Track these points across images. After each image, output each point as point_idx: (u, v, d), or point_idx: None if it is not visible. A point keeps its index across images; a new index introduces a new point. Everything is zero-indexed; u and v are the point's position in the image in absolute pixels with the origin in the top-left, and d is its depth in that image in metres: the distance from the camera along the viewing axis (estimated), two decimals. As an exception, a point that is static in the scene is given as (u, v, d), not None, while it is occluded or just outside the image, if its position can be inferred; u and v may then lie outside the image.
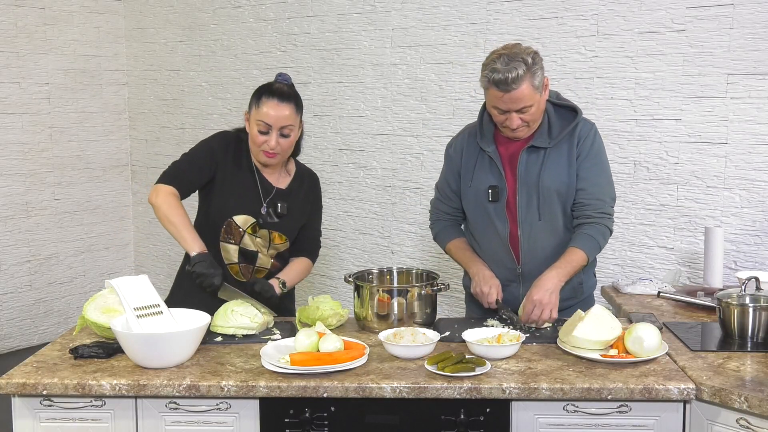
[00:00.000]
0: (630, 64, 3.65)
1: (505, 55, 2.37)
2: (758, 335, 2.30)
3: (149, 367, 2.14)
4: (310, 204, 2.80)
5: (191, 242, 2.48)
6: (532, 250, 2.56)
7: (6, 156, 5.09)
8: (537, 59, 2.41)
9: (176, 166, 2.64)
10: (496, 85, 2.37)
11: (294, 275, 2.75)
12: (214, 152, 2.65)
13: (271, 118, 2.54)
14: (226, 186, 2.65)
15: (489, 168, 2.57)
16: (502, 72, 2.35)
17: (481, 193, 2.58)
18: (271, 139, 2.56)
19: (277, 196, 2.69)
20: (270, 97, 2.56)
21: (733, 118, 3.42)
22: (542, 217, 2.53)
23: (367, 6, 4.50)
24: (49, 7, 5.27)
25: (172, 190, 2.57)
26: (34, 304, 5.31)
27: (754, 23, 3.33)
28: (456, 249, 2.71)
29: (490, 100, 2.44)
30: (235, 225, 2.64)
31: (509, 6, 3.98)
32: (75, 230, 5.54)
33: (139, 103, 5.76)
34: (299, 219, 2.75)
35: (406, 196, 4.47)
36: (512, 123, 2.44)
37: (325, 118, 4.74)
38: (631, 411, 2.03)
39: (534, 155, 2.52)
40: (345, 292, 4.58)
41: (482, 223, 2.62)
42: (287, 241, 2.72)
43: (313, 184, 2.83)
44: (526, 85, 2.36)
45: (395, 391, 2.02)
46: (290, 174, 2.76)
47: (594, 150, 2.54)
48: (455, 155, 2.67)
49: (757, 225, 3.42)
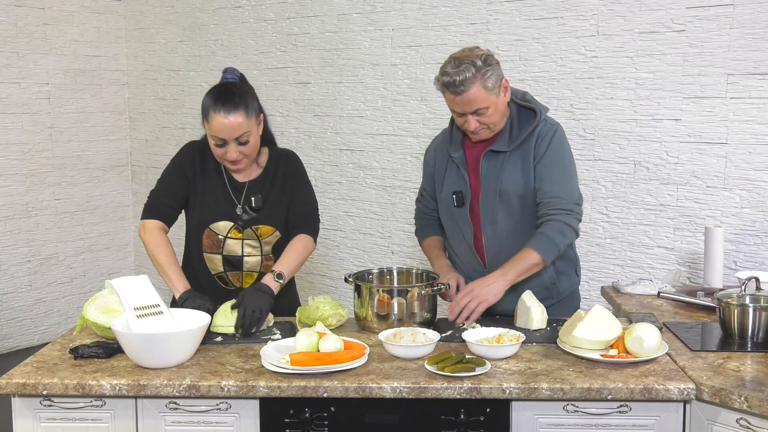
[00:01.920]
0: (630, 64, 3.65)
1: (456, 59, 2.43)
2: (758, 335, 2.30)
3: (149, 367, 2.14)
4: (290, 180, 2.68)
5: (175, 282, 2.52)
6: (496, 253, 2.58)
7: (6, 156, 5.10)
8: (490, 61, 2.43)
9: (154, 197, 2.65)
10: (447, 87, 2.43)
11: (291, 261, 2.57)
12: (182, 170, 2.63)
13: (224, 133, 2.46)
14: (198, 198, 2.63)
15: (456, 173, 2.63)
16: (450, 75, 2.40)
17: (449, 199, 2.64)
18: (229, 150, 2.50)
19: (250, 191, 2.64)
20: (216, 111, 2.45)
21: (733, 118, 3.42)
22: (504, 221, 2.56)
23: (367, 6, 4.50)
24: (49, 7, 5.27)
25: (158, 224, 2.62)
26: (34, 304, 5.31)
27: (754, 23, 3.33)
28: (427, 246, 2.83)
29: (448, 104, 2.50)
30: (213, 233, 2.62)
31: (509, 6, 3.98)
32: (75, 230, 5.54)
33: (139, 103, 5.77)
34: (280, 203, 2.66)
35: (406, 196, 4.47)
36: (469, 125, 2.48)
37: (325, 118, 4.74)
38: (631, 411, 2.03)
39: (494, 159, 2.55)
40: (345, 292, 4.58)
41: (451, 228, 2.70)
42: (276, 230, 2.65)
43: (288, 162, 2.70)
44: (476, 88, 2.39)
45: (395, 391, 2.02)
46: (262, 165, 2.68)
47: (551, 149, 2.52)
48: (430, 161, 2.76)
49: (757, 225, 3.42)
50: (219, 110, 2.45)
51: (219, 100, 2.47)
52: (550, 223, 2.50)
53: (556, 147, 2.53)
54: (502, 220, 2.56)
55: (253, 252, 2.64)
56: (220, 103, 2.46)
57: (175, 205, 2.66)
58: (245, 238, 2.62)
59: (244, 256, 2.63)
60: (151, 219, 2.63)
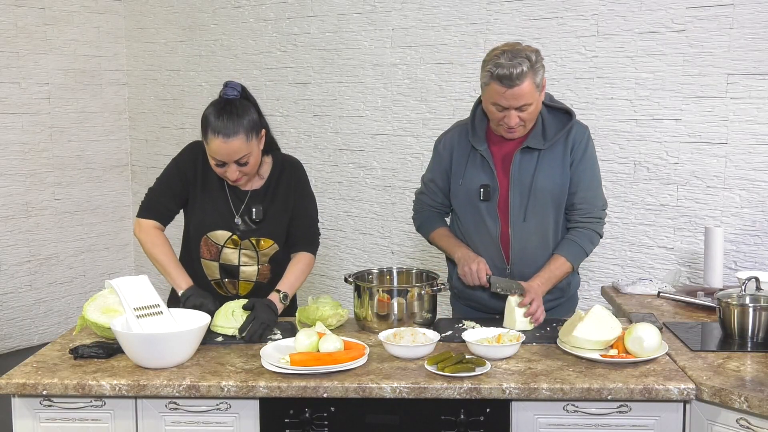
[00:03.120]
0: (630, 64, 3.65)
1: (509, 51, 2.36)
2: (758, 335, 2.30)
3: (149, 367, 2.14)
4: (294, 191, 2.64)
5: (177, 279, 2.52)
6: (521, 250, 2.56)
7: (6, 156, 5.10)
8: (539, 58, 2.40)
9: (151, 196, 2.62)
10: (500, 80, 2.34)
11: (294, 280, 2.59)
12: (182, 172, 2.59)
13: (222, 156, 2.42)
14: (197, 203, 2.60)
15: (481, 167, 2.56)
16: (506, 67, 2.32)
17: (472, 192, 2.57)
18: (229, 171, 2.46)
19: (252, 201, 2.59)
20: (215, 135, 2.39)
21: (733, 118, 3.42)
22: (533, 218, 2.53)
23: (367, 6, 4.50)
24: (49, 7, 5.27)
25: (154, 224, 2.60)
26: (34, 304, 5.31)
27: (754, 23, 3.33)
28: (439, 237, 2.70)
29: (491, 96, 2.41)
30: (211, 241, 2.60)
31: (509, 6, 3.98)
32: (75, 230, 5.54)
33: (139, 103, 5.77)
34: (282, 215, 2.62)
35: (406, 196, 4.47)
36: (510, 121, 2.42)
37: (325, 118, 4.74)
38: (631, 411, 2.03)
39: (528, 156, 2.52)
40: (345, 292, 4.58)
41: (473, 222, 2.61)
42: (275, 243, 2.62)
43: (294, 171, 2.66)
44: (528, 82, 2.35)
45: (395, 391, 2.02)
46: (264, 176, 2.62)
47: (587, 154, 2.55)
48: (444, 152, 2.65)
49: (757, 225, 3.42)
50: (218, 134, 2.38)
51: (218, 123, 2.39)
52: (582, 231, 2.56)
53: (592, 151, 2.57)
54: (531, 217, 2.53)
55: (250, 262, 2.62)
56: (219, 127, 2.39)
57: (173, 206, 2.63)
58: (243, 248, 2.60)
59: (240, 266, 2.62)
60: (147, 218, 2.60)
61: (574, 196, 2.54)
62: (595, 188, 2.57)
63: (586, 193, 2.54)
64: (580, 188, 2.53)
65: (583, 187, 2.54)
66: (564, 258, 2.54)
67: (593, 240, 2.59)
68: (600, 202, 2.59)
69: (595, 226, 2.58)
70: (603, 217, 2.61)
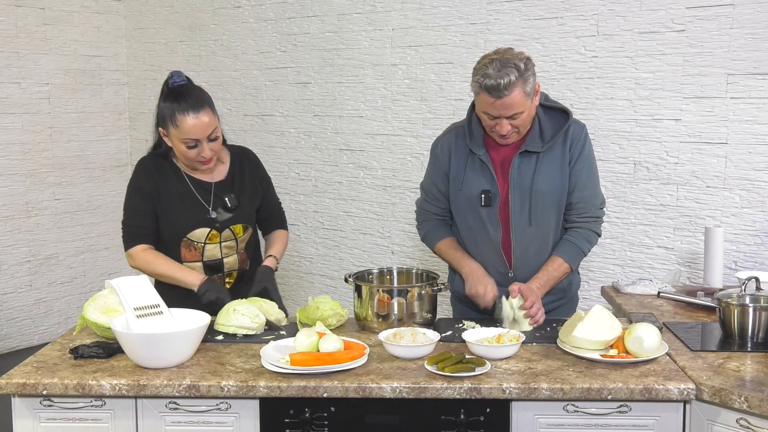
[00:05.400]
0: (630, 64, 3.65)
1: (498, 60, 2.32)
2: (758, 335, 2.30)
3: (149, 367, 2.14)
4: (258, 179, 2.77)
5: (188, 279, 2.57)
6: (524, 256, 2.56)
7: (6, 156, 5.09)
8: (529, 65, 2.37)
9: (127, 225, 2.64)
10: (488, 91, 2.32)
11: (281, 247, 2.82)
12: (142, 190, 2.61)
13: (197, 133, 2.48)
14: (167, 210, 2.61)
15: (480, 172, 2.53)
16: (494, 78, 2.30)
17: (473, 198, 2.54)
18: (203, 149, 2.52)
19: (220, 191, 2.65)
20: (185, 113, 2.46)
21: (733, 118, 3.42)
22: (534, 222, 2.52)
23: (367, 6, 4.50)
24: (49, 7, 5.27)
25: (142, 247, 2.62)
26: (34, 304, 5.31)
27: (754, 23, 3.33)
28: (446, 248, 2.66)
29: (481, 106, 2.40)
30: (192, 242, 2.62)
31: (509, 6, 3.98)
32: (75, 230, 5.54)
33: (139, 103, 5.76)
34: (253, 201, 2.73)
35: (406, 196, 4.47)
36: (502, 129, 2.40)
37: (325, 118, 4.74)
38: (631, 411, 2.03)
39: (527, 160, 2.50)
40: (345, 292, 4.58)
41: (474, 228, 2.58)
42: (249, 227, 2.72)
43: (250, 159, 2.78)
44: (517, 92, 2.32)
45: (395, 391, 2.02)
46: (225, 162, 2.71)
47: (585, 153, 2.53)
48: (442, 156, 2.61)
49: (757, 225, 3.42)
50: (188, 111, 2.46)
51: (184, 104, 2.47)
52: (579, 231, 2.55)
53: (589, 149, 2.55)
54: (533, 221, 2.52)
55: (230, 252, 2.69)
56: (186, 105, 2.47)
57: (150, 224, 2.63)
58: (223, 240, 2.65)
59: (223, 258, 2.67)
60: (134, 246, 2.61)
61: (571, 195, 2.53)
62: (592, 187, 2.56)
63: (583, 192, 2.53)
64: (578, 187, 2.53)
65: (580, 186, 2.53)
66: (562, 259, 2.54)
67: (591, 240, 2.58)
68: (598, 200, 2.58)
69: (593, 226, 2.57)
70: (601, 216, 2.60)
